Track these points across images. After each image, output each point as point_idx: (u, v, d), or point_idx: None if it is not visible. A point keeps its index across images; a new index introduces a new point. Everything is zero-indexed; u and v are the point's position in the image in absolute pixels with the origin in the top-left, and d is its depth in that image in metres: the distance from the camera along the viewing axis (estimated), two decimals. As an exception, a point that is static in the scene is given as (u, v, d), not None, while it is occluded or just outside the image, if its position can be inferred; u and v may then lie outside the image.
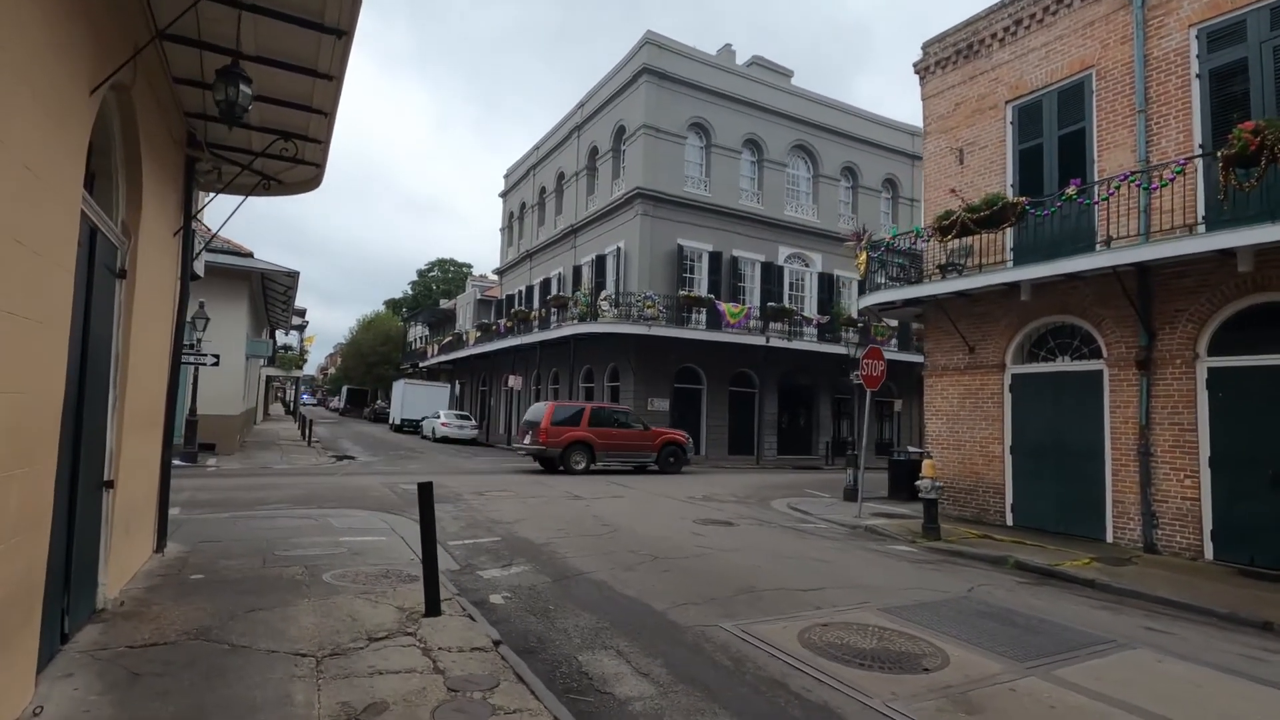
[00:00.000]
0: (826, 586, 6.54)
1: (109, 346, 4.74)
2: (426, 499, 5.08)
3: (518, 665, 4.13)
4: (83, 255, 3.91)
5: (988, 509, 11.10)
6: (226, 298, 17.67)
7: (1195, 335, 8.73)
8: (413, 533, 8.29)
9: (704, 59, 24.87)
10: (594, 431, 17.68)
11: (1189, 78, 9.00)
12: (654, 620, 5.33)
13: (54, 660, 3.82)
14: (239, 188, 7.58)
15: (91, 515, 4.53)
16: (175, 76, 5.56)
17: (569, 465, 17.30)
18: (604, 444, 17.80)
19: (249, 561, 6.40)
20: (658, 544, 8.31)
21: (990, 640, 5.04)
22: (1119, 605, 6.48)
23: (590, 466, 17.65)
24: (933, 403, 12.25)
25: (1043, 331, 10.75)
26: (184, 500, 9.93)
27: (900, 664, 4.45)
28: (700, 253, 24.12)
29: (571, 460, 17.33)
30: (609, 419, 18.36)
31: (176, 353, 6.68)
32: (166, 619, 4.64)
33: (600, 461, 17.88)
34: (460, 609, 5.22)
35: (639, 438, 18.40)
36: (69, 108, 3.34)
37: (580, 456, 17.48)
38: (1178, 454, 8.84)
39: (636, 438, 18.36)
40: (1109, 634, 5.38)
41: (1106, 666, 4.61)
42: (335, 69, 5.30)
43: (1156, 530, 8.95)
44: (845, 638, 4.92)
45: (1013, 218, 9.88)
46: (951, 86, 12.37)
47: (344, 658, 4.10)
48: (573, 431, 17.38)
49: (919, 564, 7.99)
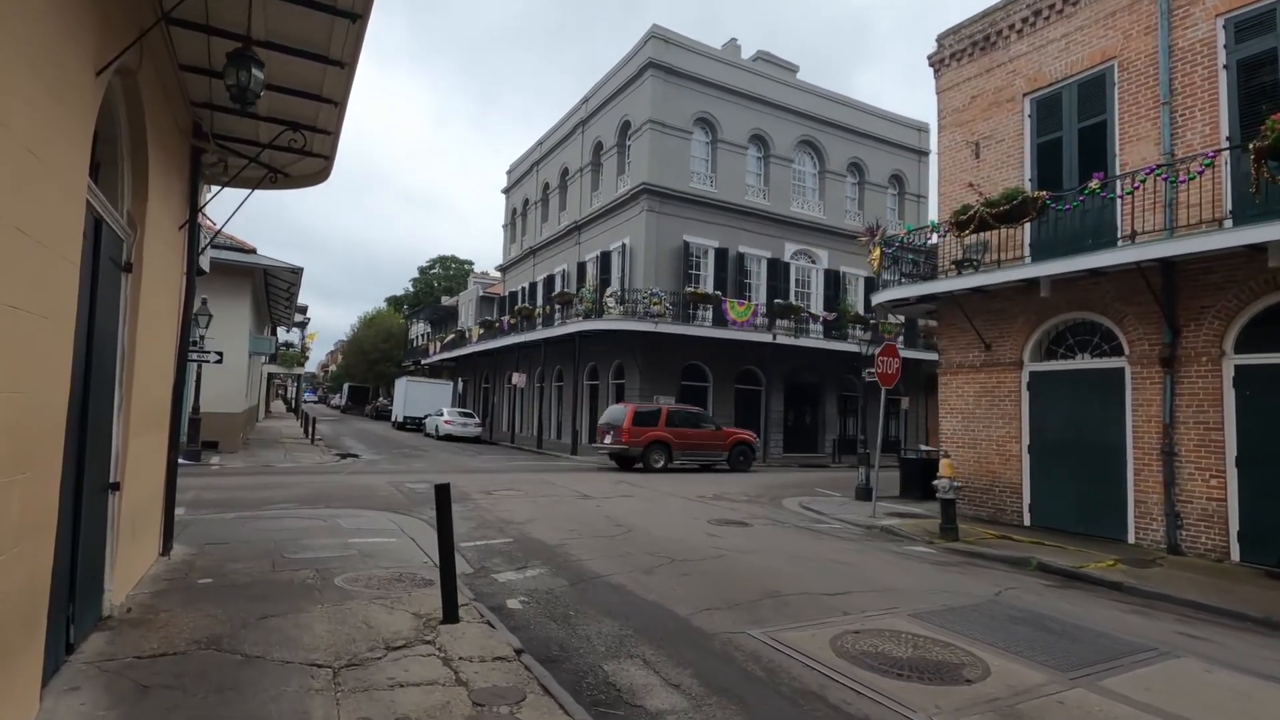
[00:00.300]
0: (851, 590, 6.36)
1: (115, 343, 4.56)
2: (444, 502, 4.90)
3: (543, 676, 3.96)
4: (88, 247, 3.73)
5: (1004, 509, 10.92)
6: (229, 294, 17.48)
7: (1222, 332, 8.54)
8: (422, 534, 8.14)
9: (710, 53, 24.64)
10: (671, 431, 18.30)
11: (1216, 68, 8.79)
12: (678, 626, 5.15)
13: (59, 672, 3.64)
14: (245, 181, 7.39)
15: (97, 519, 4.35)
16: (181, 64, 5.36)
17: (649, 463, 17.85)
18: (680, 443, 18.39)
19: (258, 564, 6.22)
20: (674, 545, 8.13)
21: (1028, 648, 4.86)
22: (1150, 609, 6.30)
23: (668, 464, 18.20)
24: (947, 401, 12.06)
25: (1061, 328, 10.56)
26: (189, 500, 9.76)
27: (940, 674, 4.27)
28: (706, 249, 23.92)
29: (651, 458, 17.91)
30: (684, 419, 18.95)
31: (183, 350, 6.50)
32: (175, 626, 4.46)
33: (677, 460, 18.40)
34: (478, 615, 5.04)
35: (712, 437, 19.07)
36: (74, 90, 3.16)
37: (659, 455, 18.09)
38: (1203, 453, 8.65)
39: (710, 437, 19.03)
40: (1148, 641, 5.20)
41: (1153, 676, 4.43)
42: (348, 55, 5.11)
43: (1180, 531, 8.78)
44: (879, 645, 4.75)
45: (1033, 212, 9.68)
46: (967, 79, 12.16)
47: (362, 669, 3.93)
48: (652, 431, 17.92)
49: (941, 566, 7.81)
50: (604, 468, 18.72)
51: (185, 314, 6.54)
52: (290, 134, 6.11)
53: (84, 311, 3.73)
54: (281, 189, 7.66)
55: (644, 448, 17.72)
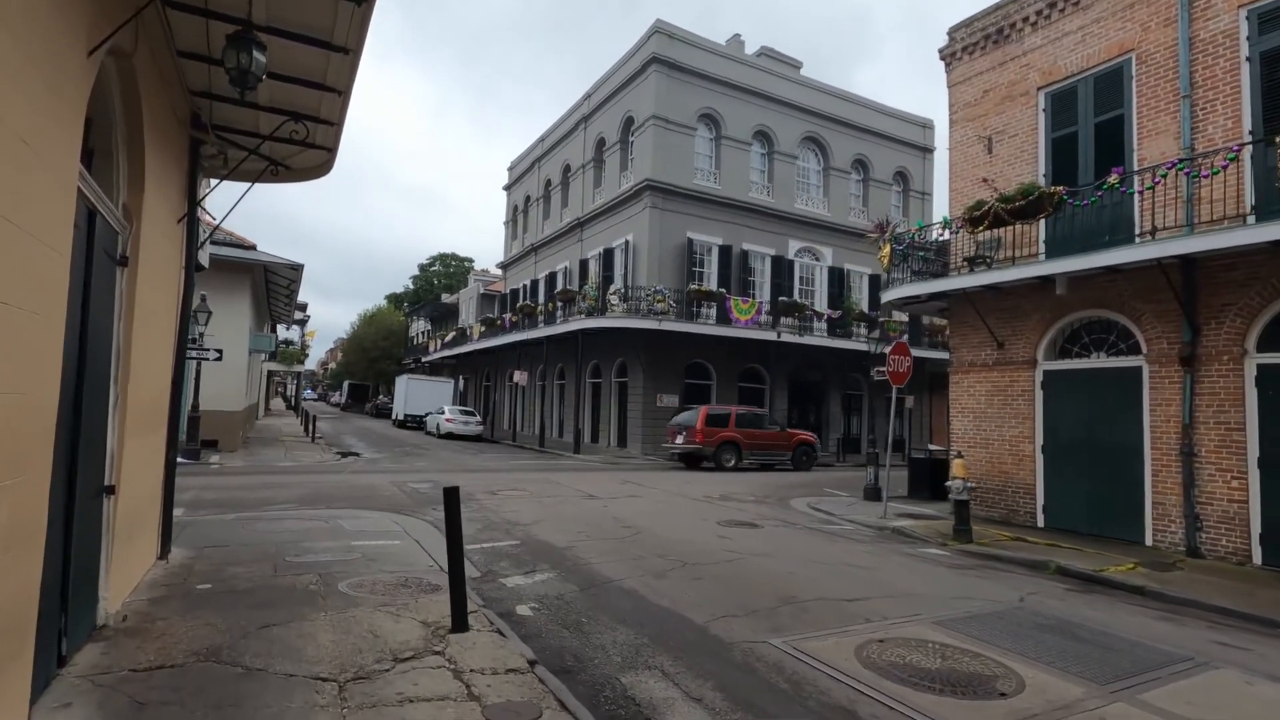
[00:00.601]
0: (870, 596, 6.18)
1: (110, 340, 4.36)
2: (453, 505, 4.72)
3: (559, 690, 3.77)
4: (80, 239, 3.54)
5: (1017, 510, 10.74)
6: (229, 291, 17.28)
7: (1244, 330, 8.35)
8: (427, 535, 7.95)
9: (714, 49, 24.41)
10: (740, 432, 18.92)
11: (1238, 61, 8.59)
12: (695, 635, 4.96)
13: (50, 688, 3.45)
14: (245, 174, 7.19)
15: (91, 524, 4.16)
16: (179, 50, 5.16)
17: (720, 462, 18.49)
18: (749, 443, 19.05)
19: (259, 569, 6.03)
20: (684, 548, 7.95)
21: (1060, 658, 4.68)
22: (1177, 615, 6.12)
23: (738, 463, 18.78)
24: (959, 400, 11.87)
25: (1076, 326, 10.37)
26: (188, 500, 9.58)
27: (973, 687, 4.09)
28: (710, 246, 23.71)
29: (723, 458, 18.55)
30: (751, 421, 19.62)
31: (181, 347, 6.30)
32: (173, 636, 4.27)
33: (745, 459, 18.96)
34: (488, 623, 4.86)
35: (777, 438, 19.80)
36: (65, 70, 2.96)
37: (730, 455, 18.73)
38: (1224, 454, 8.47)
39: (775, 438, 19.76)
40: (1182, 650, 5.02)
41: (1194, 689, 4.25)
42: (353, 41, 4.90)
43: (1200, 534, 8.59)
44: (906, 656, 4.56)
45: (1050, 208, 9.49)
46: (979, 73, 11.95)
47: (369, 682, 3.74)
48: (723, 432, 18.59)
49: (958, 569, 7.63)
50: (607, 467, 18.54)
51: (184, 310, 6.34)
52: (292, 125, 5.91)
53: (76, 307, 3.54)
54: (282, 182, 7.46)
55: (716, 448, 18.37)
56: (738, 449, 18.81)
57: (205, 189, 8.44)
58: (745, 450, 18.96)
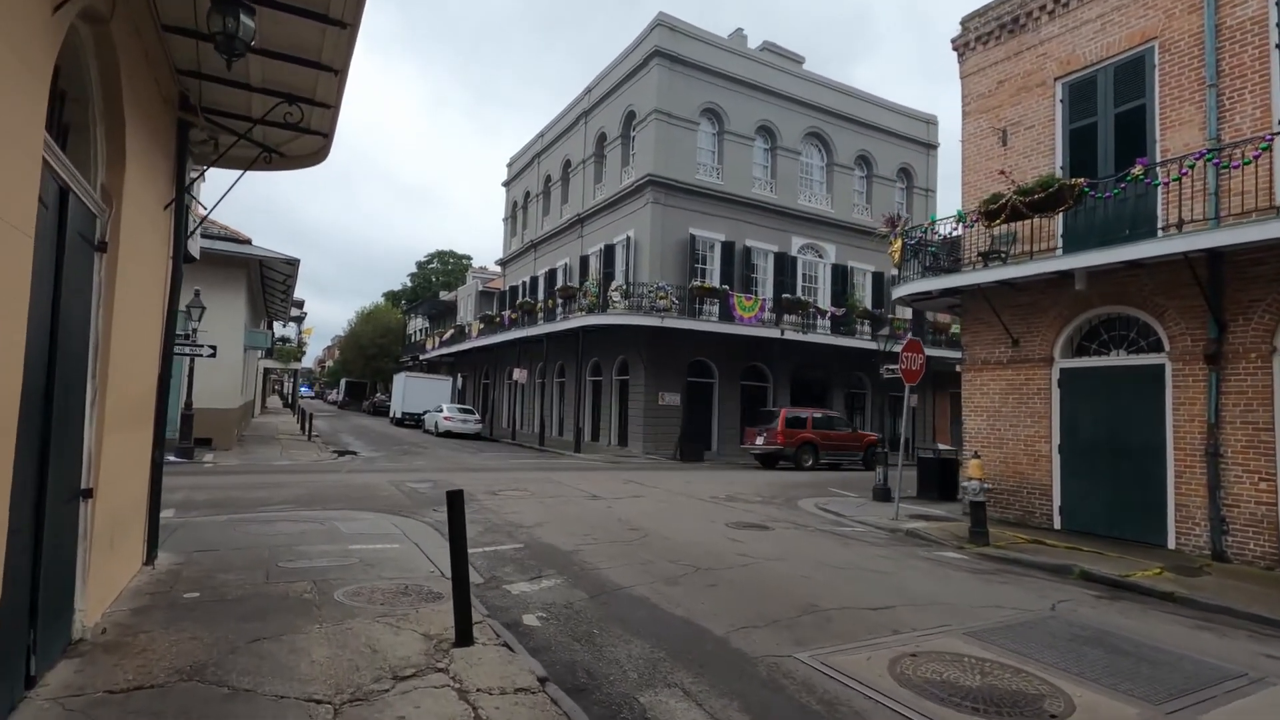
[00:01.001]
0: (894, 604, 5.88)
1: (86, 331, 4.04)
2: (457, 511, 4.40)
3: (573, 711, 3.47)
4: (49, 219, 3.22)
5: (1033, 511, 10.45)
6: (223, 286, 16.91)
7: (1273, 327, 8.06)
8: (427, 538, 7.64)
9: (717, 43, 24.09)
10: (816, 434, 20.02)
11: (1268, 48, 8.30)
12: (715, 647, 4.66)
13: (15, 711, 3.14)
14: (236, 160, 6.87)
15: (66, 531, 3.84)
16: (164, 24, 4.84)
17: (799, 462, 19.50)
18: (825, 444, 20.16)
19: (250, 575, 5.72)
20: (695, 552, 7.65)
21: (1106, 674, 4.38)
22: (1215, 624, 5.83)
23: (816, 463, 19.82)
24: (971, 399, 11.58)
25: (1095, 323, 10.08)
26: (178, 501, 9.25)
27: (1020, 708, 3.79)
28: (712, 242, 23.39)
29: (802, 458, 19.58)
30: (826, 423, 20.71)
31: (168, 340, 5.97)
32: (155, 651, 3.96)
33: (822, 459, 20.03)
34: (494, 635, 4.55)
35: (850, 438, 21.01)
36: (26, 26, 2.64)
37: (808, 455, 19.78)
38: (1251, 455, 8.18)
39: (848, 439, 20.95)
40: (1232, 664, 4.73)
41: (1255, 709, 3.95)
42: (350, 14, 4.60)
43: (1226, 537, 8.31)
44: (943, 672, 4.26)
45: (1070, 200, 9.19)
46: (994, 63, 11.65)
47: (367, 704, 3.43)
48: (802, 434, 19.62)
49: (980, 575, 7.34)
50: (608, 466, 18.24)
51: (171, 301, 6.01)
52: (286, 108, 5.59)
53: (45, 293, 3.22)
54: (276, 170, 7.13)
55: (796, 448, 19.39)
56: (815, 449, 19.84)
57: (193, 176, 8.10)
58: (822, 450, 20.02)
